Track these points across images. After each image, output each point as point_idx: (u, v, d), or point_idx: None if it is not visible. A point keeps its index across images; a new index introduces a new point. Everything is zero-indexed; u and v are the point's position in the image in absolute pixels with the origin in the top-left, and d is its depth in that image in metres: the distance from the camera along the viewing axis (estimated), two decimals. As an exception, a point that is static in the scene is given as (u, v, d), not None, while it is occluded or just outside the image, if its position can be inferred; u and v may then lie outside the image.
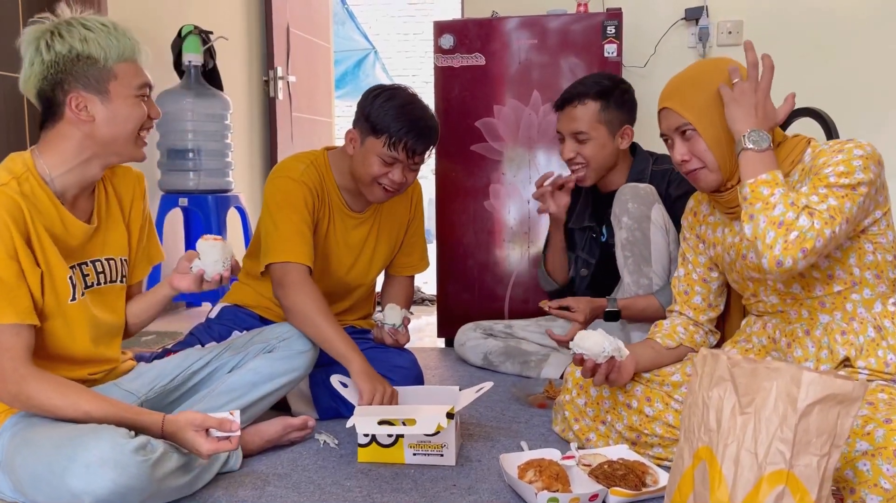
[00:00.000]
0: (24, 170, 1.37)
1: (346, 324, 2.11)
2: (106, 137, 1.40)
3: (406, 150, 1.81)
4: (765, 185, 1.30)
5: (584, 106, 2.08)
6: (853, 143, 1.33)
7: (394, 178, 1.85)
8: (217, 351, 1.69)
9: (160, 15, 3.60)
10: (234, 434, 1.36)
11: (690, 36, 3.20)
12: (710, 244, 1.60)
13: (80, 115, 1.37)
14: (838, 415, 1.01)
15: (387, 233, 2.07)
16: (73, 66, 1.36)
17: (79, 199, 1.47)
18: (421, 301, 3.94)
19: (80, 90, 1.37)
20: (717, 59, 1.49)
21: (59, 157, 1.40)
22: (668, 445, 1.56)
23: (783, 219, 1.26)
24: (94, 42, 1.36)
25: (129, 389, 1.55)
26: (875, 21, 3.08)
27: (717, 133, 1.42)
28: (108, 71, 1.38)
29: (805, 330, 1.44)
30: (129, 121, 1.41)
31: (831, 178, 1.29)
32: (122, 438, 1.26)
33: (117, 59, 1.38)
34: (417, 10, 8.59)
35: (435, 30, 2.77)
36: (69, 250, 1.45)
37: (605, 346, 1.51)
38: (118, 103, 1.40)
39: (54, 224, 1.40)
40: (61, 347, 1.44)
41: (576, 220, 2.30)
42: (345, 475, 1.57)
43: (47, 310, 1.39)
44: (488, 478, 1.55)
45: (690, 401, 1.16)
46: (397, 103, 1.82)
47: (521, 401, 2.08)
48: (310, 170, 1.91)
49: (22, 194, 1.34)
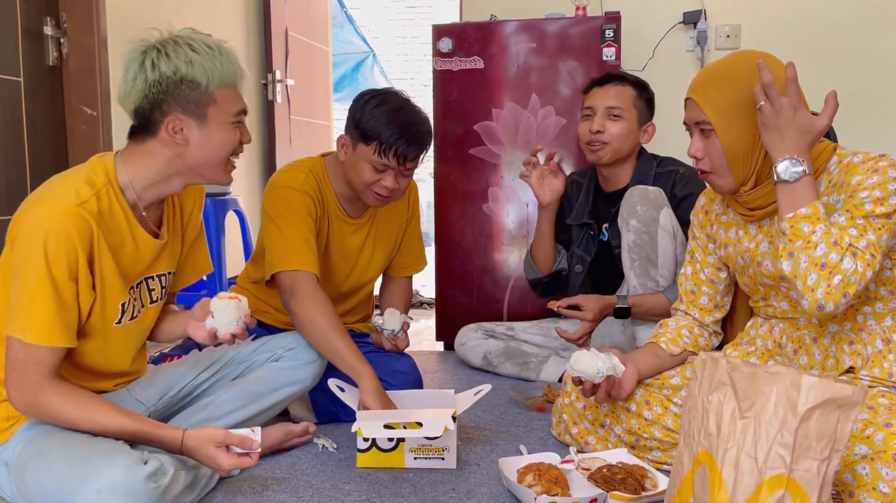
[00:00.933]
0: (105, 182, 1.35)
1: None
2: (197, 161, 1.39)
3: (397, 157, 1.78)
4: (805, 221, 1.26)
5: (624, 87, 2.17)
6: (887, 163, 1.29)
7: (386, 185, 1.81)
8: (225, 360, 1.67)
9: (158, 17, 3.60)
10: (254, 451, 1.34)
11: (689, 39, 3.20)
12: (721, 244, 1.58)
13: (175, 138, 1.36)
14: (838, 420, 1.01)
15: (384, 237, 2.06)
16: (175, 89, 1.33)
17: (150, 211, 1.45)
18: (420, 304, 3.93)
19: (178, 113, 1.35)
20: (752, 53, 1.40)
21: (143, 171, 1.39)
22: (666, 449, 1.56)
23: (826, 260, 1.23)
24: (199, 65, 1.34)
25: (139, 398, 1.55)
26: (872, 26, 3.08)
27: (734, 138, 1.37)
28: (209, 95, 1.36)
29: (813, 337, 1.43)
30: (222, 147, 1.40)
31: (867, 205, 1.26)
32: (135, 465, 1.24)
33: (219, 85, 1.36)
34: (416, 13, 8.59)
35: (433, 33, 2.77)
36: (138, 268, 1.43)
37: (598, 367, 1.50)
38: (214, 128, 1.38)
39: (126, 244, 1.39)
40: (94, 363, 1.43)
41: (575, 216, 2.31)
42: (343, 479, 1.57)
43: (88, 329, 1.38)
44: (487, 481, 1.55)
45: (690, 405, 1.16)
46: (388, 109, 1.79)
47: (519, 404, 2.08)
48: (309, 178, 1.89)
49: (99, 213, 1.32)
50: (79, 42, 2.55)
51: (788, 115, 1.28)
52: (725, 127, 1.38)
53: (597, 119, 2.15)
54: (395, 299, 2.10)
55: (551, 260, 2.32)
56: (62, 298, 1.28)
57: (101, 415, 1.31)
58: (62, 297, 1.28)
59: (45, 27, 2.48)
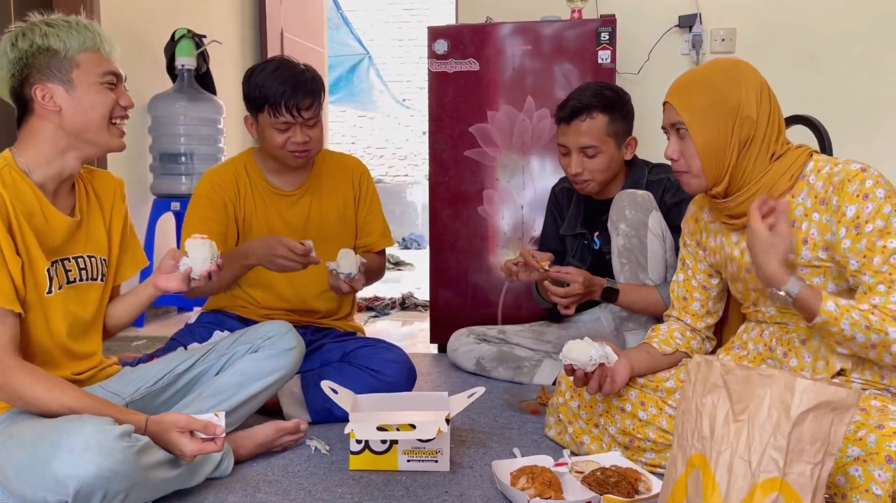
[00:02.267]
0: (3, 164, 1.40)
1: (324, 325, 2.13)
2: (76, 126, 1.43)
3: (289, 110, 1.87)
4: (828, 326, 1.28)
5: (593, 119, 2.02)
6: (872, 181, 1.31)
7: (296, 140, 1.91)
8: (202, 353, 1.68)
9: (153, 18, 3.59)
10: (219, 436, 1.35)
11: (684, 43, 3.21)
12: (711, 251, 1.59)
13: (46, 105, 1.41)
14: (832, 423, 1.01)
15: (332, 208, 2.11)
16: (35, 60, 1.40)
17: (59, 194, 1.49)
18: (414, 306, 3.93)
19: (44, 82, 1.40)
20: (731, 63, 1.45)
21: (35, 151, 1.43)
22: (660, 450, 1.55)
23: (870, 342, 1.26)
24: (53, 35, 1.40)
25: (114, 391, 1.55)
26: (866, 30, 3.10)
27: (707, 139, 1.41)
28: (70, 60, 1.41)
29: (802, 340, 1.43)
30: (95, 107, 1.44)
31: (878, 241, 1.28)
32: (106, 425, 1.26)
33: (79, 50, 1.42)
34: (412, 15, 8.60)
35: (429, 35, 2.77)
36: (51, 245, 1.45)
37: (591, 355, 1.51)
38: (82, 91, 1.42)
39: (35, 215, 1.42)
40: (38, 341, 1.44)
41: (568, 226, 2.30)
42: (336, 481, 1.56)
43: (29, 301, 1.40)
44: (481, 484, 1.55)
45: (684, 407, 1.16)
46: (266, 72, 1.90)
47: (513, 407, 2.08)
48: (226, 166, 2.07)
49: (3, 184, 1.37)
50: (72, 41, 2.54)
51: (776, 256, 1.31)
52: (699, 126, 1.41)
53: (573, 161, 2.06)
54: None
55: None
56: None
57: (69, 397, 1.33)
58: None
59: (39, 26, 2.47)
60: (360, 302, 3.85)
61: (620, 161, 2.12)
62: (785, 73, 3.09)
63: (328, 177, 2.12)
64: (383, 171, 8.65)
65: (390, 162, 8.71)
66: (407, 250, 6.85)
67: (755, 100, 1.39)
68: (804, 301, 1.29)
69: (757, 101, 1.39)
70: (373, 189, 2.20)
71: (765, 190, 1.41)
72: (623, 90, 2.13)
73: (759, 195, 1.40)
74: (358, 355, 2.00)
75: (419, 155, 8.53)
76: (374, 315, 3.76)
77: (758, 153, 1.41)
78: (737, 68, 1.42)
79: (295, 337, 1.72)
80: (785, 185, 1.40)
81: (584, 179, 2.09)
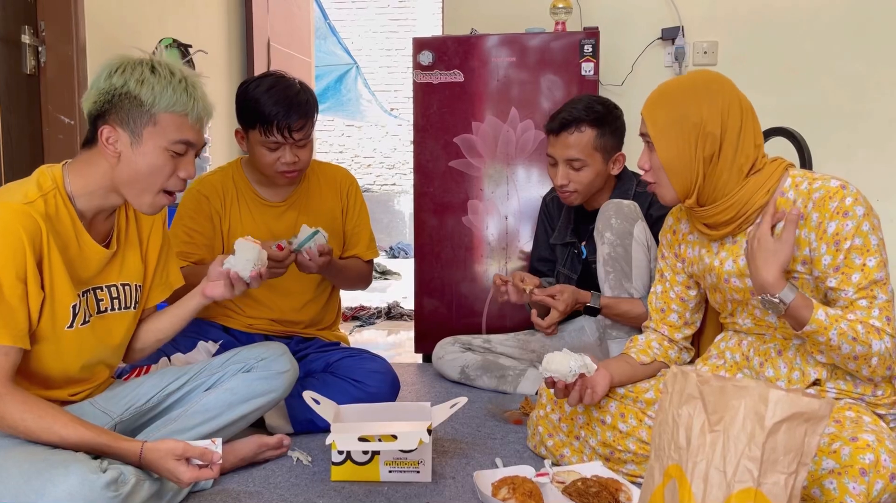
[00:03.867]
0: (52, 186, 1.38)
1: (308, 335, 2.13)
2: (123, 179, 1.41)
3: (281, 131, 1.86)
4: (816, 335, 1.31)
5: (581, 133, 2.05)
6: (851, 198, 1.33)
7: (285, 160, 1.91)
8: (194, 371, 1.66)
9: (139, 27, 3.58)
10: (215, 463, 1.34)
11: (667, 55, 3.24)
12: (689, 262, 1.60)
13: (107, 148, 1.38)
14: (805, 434, 1.03)
15: (320, 220, 2.07)
16: (119, 101, 1.37)
17: (98, 221, 1.47)
18: (399, 316, 3.93)
19: (115, 125, 1.38)
20: (701, 77, 1.45)
21: (85, 179, 1.41)
22: (641, 461, 1.56)
23: (854, 353, 1.30)
24: (148, 84, 1.36)
25: (103, 409, 1.53)
26: (846, 44, 3.14)
27: (670, 155, 1.42)
28: (150, 116, 1.37)
29: (778, 350, 1.45)
30: (149, 171, 1.40)
31: (856, 259, 1.31)
32: (91, 474, 1.23)
33: (165, 109, 1.37)
34: (399, 25, 8.63)
35: (414, 46, 2.78)
36: (83, 275, 1.44)
37: (570, 365, 1.51)
38: (146, 150, 1.38)
39: (70, 246, 1.40)
40: (45, 370, 1.42)
41: (558, 235, 2.32)
42: (317, 493, 1.56)
43: (40, 333, 1.38)
44: (462, 495, 1.55)
45: (661, 418, 1.17)
46: (261, 90, 1.88)
47: (496, 417, 2.08)
48: (214, 175, 2.06)
49: (46, 215, 1.34)
50: (57, 51, 2.54)
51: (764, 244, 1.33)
52: (664, 143, 1.43)
53: (560, 172, 2.08)
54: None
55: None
56: (5, 299, 1.29)
57: (60, 426, 1.30)
58: (5, 298, 1.29)
59: (24, 35, 2.46)
60: (346, 311, 3.84)
61: (607, 175, 2.13)
62: (766, 86, 3.13)
63: (316, 188, 2.12)
64: (371, 179, 8.65)
65: (378, 171, 8.72)
66: (395, 259, 6.84)
67: (719, 116, 1.39)
68: (796, 310, 1.30)
69: (723, 117, 1.39)
70: (361, 200, 2.20)
71: (740, 204, 1.42)
72: (615, 105, 2.14)
73: (734, 207, 1.42)
74: (341, 366, 2.00)
75: (407, 164, 8.54)
76: (360, 324, 3.76)
77: (728, 168, 1.41)
78: (704, 84, 1.42)
79: (289, 360, 1.71)
80: (761, 199, 1.41)
81: (568, 191, 2.10)
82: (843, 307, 1.33)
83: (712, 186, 1.43)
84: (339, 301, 2.24)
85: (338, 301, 2.23)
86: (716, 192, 1.43)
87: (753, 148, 1.42)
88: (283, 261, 1.80)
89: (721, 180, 1.42)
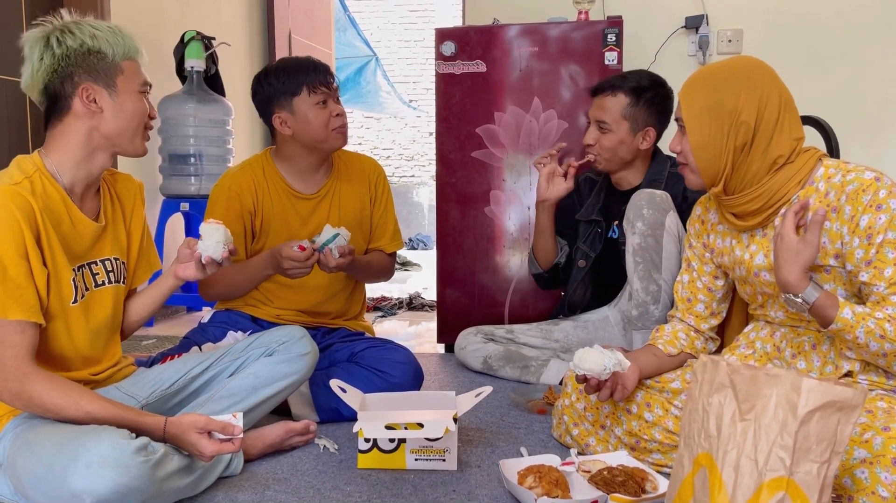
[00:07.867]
0: (34, 169, 1.41)
1: (334, 325, 2.14)
2: (112, 130, 1.45)
3: (323, 83, 1.98)
4: (843, 333, 1.29)
5: (615, 98, 2.15)
6: (886, 191, 1.30)
7: (338, 112, 2.00)
8: (217, 355, 1.69)
9: (163, 20, 3.61)
10: (236, 437, 1.37)
11: (690, 44, 3.21)
12: (718, 253, 1.59)
13: (90, 106, 1.42)
14: (838, 422, 1.02)
15: (350, 211, 2.12)
16: (83, 60, 1.42)
17: (86, 198, 1.50)
18: (421, 306, 3.94)
19: (90, 82, 1.42)
20: (742, 64, 1.42)
21: (65, 152, 1.44)
22: (667, 451, 1.56)
23: (883, 351, 1.28)
24: (102, 39, 1.43)
25: (129, 393, 1.56)
26: (872, 30, 3.09)
27: (701, 140, 1.42)
28: (116, 66, 1.44)
29: (812, 344, 1.43)
30: (135, 115, 1.47)
31: (889, 253, 1.28)
32: (122, 439, 1.26)
33: (123, 57, 1.45)
34: (419, 17, 8.61)
35: (436, 37, 2.78)
36: (78, 250, 1.47)
37: (605, 364, 1.50)
38: (125, 97, 1.45)
39: (63, 222, 1.43)
40: (60, 348, 1.45)
41: (584, 212, 2.33)
42: (344, 480, 1.57)
43: (51, 310, 1.41)
44: (488, 483, 1.56)
45: (690, 407, 1.16)
46: (282, 65, 2.00)
47: (520, 406, 2.08)
48: (244, 170, 2.06)
49: (34, 193, 1.37)
50: (83, 43, 2.56)
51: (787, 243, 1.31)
52: (696, 128, 1.42)
53: (589, 131, 2.20)
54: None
55: (552, 255, 2.35)
56: (10, 277, 1.31)
57: (87, 402, 1.34)
58: (10, 276, 1.31)
59: (50, 28, 2.49)
60: (368, 302, 3.86)
61: (635, 149, 2.17)
62: (791, 74, 3.06)
63: (346, 178, 2.13)
64: (390, 171, 8.67)
65: (397, 163, 8.73)
66: (414, 251, 6.86)
67: (756, 105, 1.37)
68: (820, 309, 1.29)
69: (759, 107, 1.37)
70: (388, 191, 2.22)
71: (769, 194, 1.40)
72: (664, 83, 2.20)
73: (763, 197, 1.40)
74: (366, 356, 2.01)
75: (426, 156, 8.55)
76: (382, 315, 3.78)
77: (759, 160, 1.39)
78: (746, 71, 1.40)
79: (309, 342, 1.73)
80: (792, 190, 1.39)
81: (594, 153, 2.19)
82: (875, 302, 1.30)
83: (740, 176, 1.42)
84: (364, 291, 2.25)
85: (363, 291, 2.25)
86: (744, 182, 1.42)
87: (790, 141, 1.39)
88: (307, 262, 1.81)
89: (751, 171, 1.40)
